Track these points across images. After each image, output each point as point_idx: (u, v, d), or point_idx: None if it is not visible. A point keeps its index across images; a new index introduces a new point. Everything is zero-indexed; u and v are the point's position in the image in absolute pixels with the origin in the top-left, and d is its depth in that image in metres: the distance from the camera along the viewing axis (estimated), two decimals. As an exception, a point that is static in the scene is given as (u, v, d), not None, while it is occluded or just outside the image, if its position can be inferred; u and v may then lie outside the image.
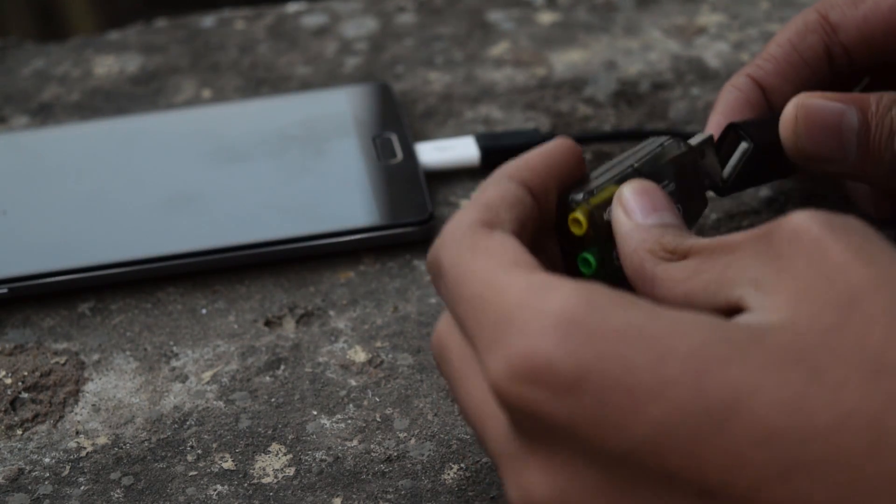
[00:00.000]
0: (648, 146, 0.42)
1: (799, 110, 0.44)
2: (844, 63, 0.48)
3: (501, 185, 0.38)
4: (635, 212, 0.38)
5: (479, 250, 0.35)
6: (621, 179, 0.40)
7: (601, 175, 0.40)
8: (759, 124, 0.46)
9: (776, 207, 0.52)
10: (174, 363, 0.47)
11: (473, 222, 0.37)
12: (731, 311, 0.34)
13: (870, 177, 0.45)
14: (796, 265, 0.32)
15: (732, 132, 0.45)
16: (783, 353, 0.31)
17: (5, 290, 0.49)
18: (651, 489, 0.31)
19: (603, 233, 0.39)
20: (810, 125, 0.44)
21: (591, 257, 0.39)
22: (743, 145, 0.45)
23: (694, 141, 0.43)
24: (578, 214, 0.39)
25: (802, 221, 0.33)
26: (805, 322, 0.31)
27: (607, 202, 0.39)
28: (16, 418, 0.45)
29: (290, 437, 0.44)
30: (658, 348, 0.31)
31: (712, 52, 0.61)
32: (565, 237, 0.40)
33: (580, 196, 0.39)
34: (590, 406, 0.31)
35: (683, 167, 0.42)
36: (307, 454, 0.43)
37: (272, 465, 0.43)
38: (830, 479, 0.29)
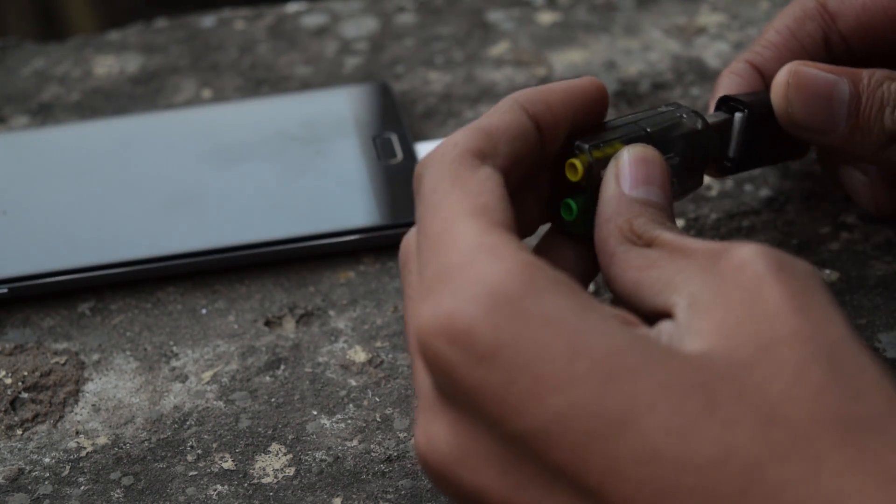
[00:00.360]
0: (669, 114, 0.41)
1: (791, 77, 0.44)
2: (842, 51, 0.48)
3: (511, 112, 0.39)
4: (625, 179, 0.39)
5: (457, 184, 0.36)
6: (630, 140, 0.40)
7: (615, 128, 0.40)
8: (752, 94, 0.46)
9: (776, 207, 0.52)
10: (174, 363, 0.47)
11: (466, 150, 0.37)
12: (665, 315, 0.34)
13: (858, 150, 0.45)
14: (732, 297, 0.33)
15: (725, 106, 0.45)
16: (688, 378, 0.31)
17: (5, 290, 0.49)
18: (537, 472, 0.32)
19: (595, 186, 0.39)
20: (802, 92, 0.44)
21: (573, 204, 0.39)
22: (738, 115, 0.45)
23: (712, 119, 0.43)
24: (577, 162, 0.39)
25: (751, 255, 0.33)
26: (720, 355, 0.32)
27: (609, 158, 0.39)
28: (16, 418, 0.45)
29: (290, 437, 0.44)
30: (576, 343, 0.31)
31: (712, 52, 0.61)
32: (559, 175, 0.40)
33: (586, 145, 0.39)
34: (497, 381, 0.32)
35: (694, 143, 0.42)
36: (307, 454, 0.43)
37: (272, 465, 0.43)
38: None
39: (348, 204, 0.51)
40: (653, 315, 0.35)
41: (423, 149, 0.54)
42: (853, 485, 0.29)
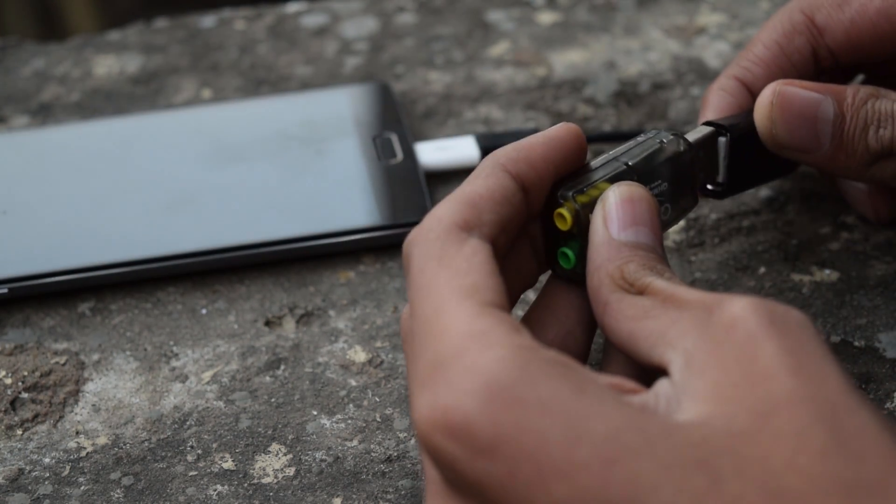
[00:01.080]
0: (648, 142, 0.41)
1: (775, 97, 0.44)
2: (831, 65, 0.48)
3: (493, 177, 0.38)
4: (613, 223, 0.38)
5: (444, 263, 0.36)
6: (614, 178, 0.40)
7: (597, 169, 0.40)
8: (735, 116, 0.46)
9: (776, 207, 0.52)
10: (174, 363, 0.47)
11: (451, 224, 0.37)
12: (661, 370, 0.34)
13: (843, 169, 0.45)
14: (726, 357, 0.32)
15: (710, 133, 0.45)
16: (689, 455, 0.31)
17: (5, 290, 0.49)
18: None
19: (586, 231, 0.39)
20: (785, 112, 0.44)
21: (570, 253, 0.39)
22: (721, 140, 0.44)
23: (692, 137, 0.43)
24: (564, 211, 0.39)
25: (743, 311, 0.33)
26: (719, 423, 0.31)
27: (595, 200, 0.39)
28: (16, 418, 0.45)
29: (290, 437, 0.44)
30: (575, 428, 0.31)
31: (712, 52, 0.61)
32: (550, 224, 0.40)
33: (570, 193, 0.39)
34: (500, 473, 0.32)
35: (679, 166, 0.42)
36: (307, 454, 0.43)
37: (272, 465, 0.43)
38: None
39: (348, 204, 0.51)
40: (649, 367, 0.35)
41: (423, 149, 0.54)
42: None
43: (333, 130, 0.55)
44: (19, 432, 0.45)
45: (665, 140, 0.42)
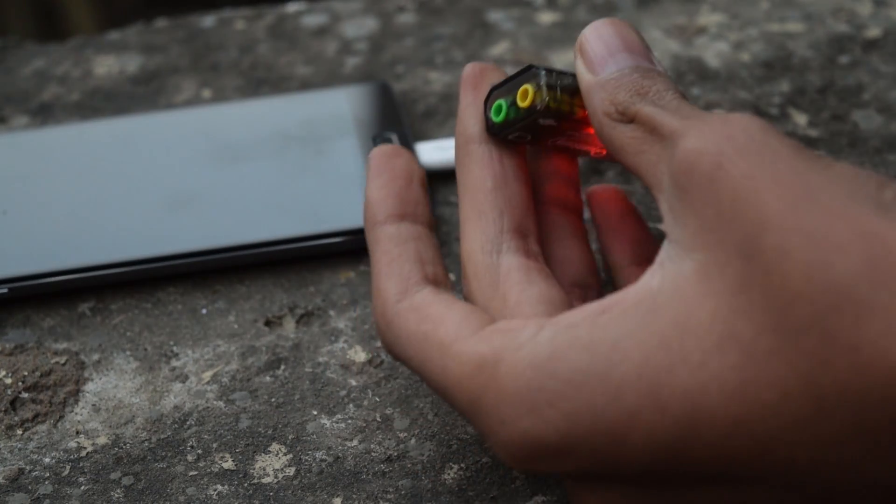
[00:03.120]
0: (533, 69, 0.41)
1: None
2: None
3: (391, 244, 0.39)
4: (593, 64, 0.38)
5: (413, 339, 0.36)
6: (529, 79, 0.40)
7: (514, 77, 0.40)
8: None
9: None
10: (174, 363, 0.47)
11: (395, 305, 0.38)
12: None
13: None
14: (693, 200, 0.32)
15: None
16: (705, 340, 0.31)
17: (5, 290, 0.49)
18: (673, 489, 0.33)
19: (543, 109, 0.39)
20: None
21: (504, 104, 0.39)
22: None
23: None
24: (530, 88, 0.39)
25: (694, 151, 0.32)
26: (713, 287, 0.31)
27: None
28: (16, 418, 0.45)
29: (290, 437, 0.44)
30: (611, 382, 0.32)
31: (712, 52, 0.61)
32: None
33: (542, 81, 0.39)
34: (587, 456, 0.32)
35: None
36: (307, 454, 0.43)
37: (272, 465, 0.43)
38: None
39: (349, 204, 0.51)
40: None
41: (423, 149, 0.54)
42: None
43: (333, 130, 0.55)
44: (19, 432, 0.45)
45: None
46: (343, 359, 0.47)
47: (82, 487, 0.43)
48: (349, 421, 0.44)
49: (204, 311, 0.49)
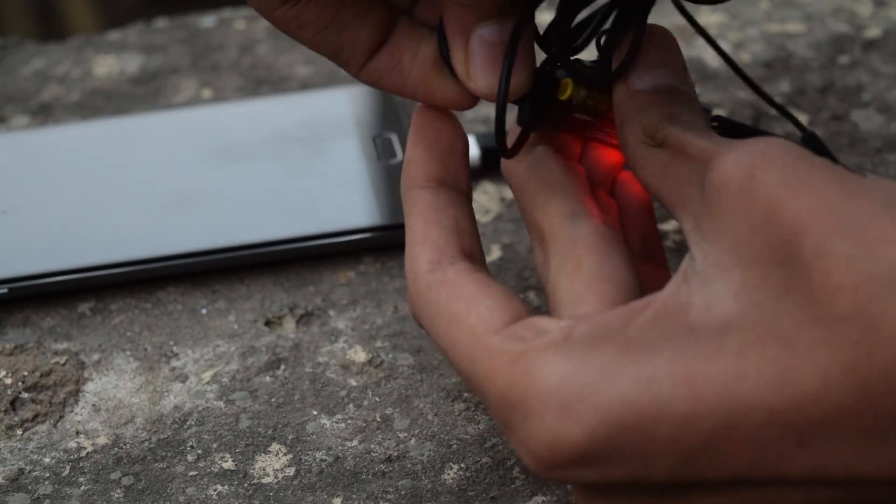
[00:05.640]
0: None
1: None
2: None
3: (429, 210, 0.38)
4: (630, 74, 0.38)
5: (443, 318, 0.35)
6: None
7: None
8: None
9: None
10: (174, 363, 0.47)
11: (427, 275, 0.36)
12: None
13: None
14: (725, 218, 0.32)
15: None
16: (745, 335, 0.30)
17: (5, 290, 0.49)
18: (699, 494, 0.32)
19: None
20: None
21: (570, 82, 0.39)
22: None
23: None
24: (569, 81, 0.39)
25: (724, 174, 0.32)
26: (753, 299, 0.31)
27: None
28: (16, 418, 0.45)
29: (290, 437, 0.44)
30: (643, 371, 0.31)
31: (712, 53, 0.61)
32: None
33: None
34: (612, 458, 0.32)
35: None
36: (307, 454, 0.43)
37: (272, 465, 0.43)
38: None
39: (348, 204, 0.51)
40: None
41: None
42: None
43: (333, 130, 0.55)
44: (19, 432, 0.45)
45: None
46: (343, 359, 0.47)
47: (82, 487, 0.42)
48: (349, 421, 0.44)
49: (204, 311, 0.49)
